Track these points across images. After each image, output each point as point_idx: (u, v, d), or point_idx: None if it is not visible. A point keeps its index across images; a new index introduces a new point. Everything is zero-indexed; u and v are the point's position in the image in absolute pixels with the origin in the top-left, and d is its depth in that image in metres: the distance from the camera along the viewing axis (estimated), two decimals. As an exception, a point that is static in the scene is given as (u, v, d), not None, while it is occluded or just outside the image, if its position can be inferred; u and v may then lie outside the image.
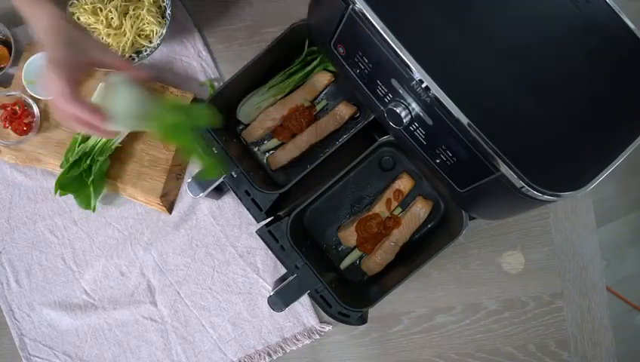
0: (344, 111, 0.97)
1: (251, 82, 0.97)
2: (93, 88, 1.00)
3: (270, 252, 0.88)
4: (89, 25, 1.00)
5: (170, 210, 1.03)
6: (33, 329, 1.02)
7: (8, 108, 1.00)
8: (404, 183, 0.96)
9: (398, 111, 0.72)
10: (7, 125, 1.00)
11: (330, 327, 1.01)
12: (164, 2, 1.00)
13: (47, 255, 1.03)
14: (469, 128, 0.64)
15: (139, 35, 0.99)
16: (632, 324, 1.75)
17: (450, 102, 0.64)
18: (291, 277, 0.87)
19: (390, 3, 0.67)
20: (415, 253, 0.94)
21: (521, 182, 0.64)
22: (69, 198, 1.01)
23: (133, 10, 0.98)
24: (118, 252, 1.03)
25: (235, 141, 0.99)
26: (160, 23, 0.99)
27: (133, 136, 1.01)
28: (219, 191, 1.01)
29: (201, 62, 1.04)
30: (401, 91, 0.71)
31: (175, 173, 1.02)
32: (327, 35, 0.78)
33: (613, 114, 0.69)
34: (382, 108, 0.77)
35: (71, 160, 0.96)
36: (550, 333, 1.01)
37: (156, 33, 0.99)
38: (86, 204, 0.98)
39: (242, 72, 0.90)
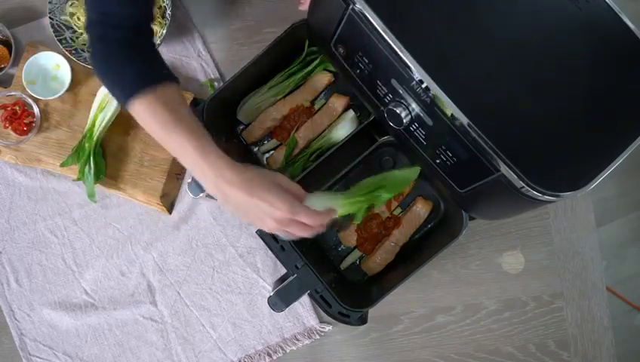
0: (337, 103, 0.97)
1: (251, 82, 0.97)
2: (93, 90, 1.00)
3: (270, 252, 0.88)
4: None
5: (170, 210, 1.03)
6: (33, 329, 1.02)
7: (8, 109, 1.00)
8: (404, 183, 0.96)
9: (398, 111, 0.72)
10: (7, 125, 1.00)
11: (330, 327, 1.01)
12: (164, 2, 1.00)
13: (47, 255, 1.03)
14: (469, 128, 0.64)
15: (139, 35, 0.99)
16: (632, 324, 1.75)
17: (450, 102, 0.64)
18: (291, 277, 0.86)
19: (390, 3, 0.67)
20: (415, 253, 0.94)
21: (521, 182, 0.64)
22: (69, 198, 1.01)
23: (134, 10, 0.98)
24: (118, 252, 1.03)
25: (235, 141, 0.99)
26: (160, 23, 0.99)
27: (133, 136, 1.01)
28: (219, 191, 1.01)
29: (201, 62, 1.04)
30: (401, 91, 0.71)
31: (175, 173, 1.02)
32: (327, 35, 0.78)
33: (614, 114, 0.69)
34: (382, 108, 0.77)
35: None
36: (550, 333, 1.01)
37: (156, 33, 0.99)
38: (90, 187, 0.98)
39: (242, 72, 0.90)
